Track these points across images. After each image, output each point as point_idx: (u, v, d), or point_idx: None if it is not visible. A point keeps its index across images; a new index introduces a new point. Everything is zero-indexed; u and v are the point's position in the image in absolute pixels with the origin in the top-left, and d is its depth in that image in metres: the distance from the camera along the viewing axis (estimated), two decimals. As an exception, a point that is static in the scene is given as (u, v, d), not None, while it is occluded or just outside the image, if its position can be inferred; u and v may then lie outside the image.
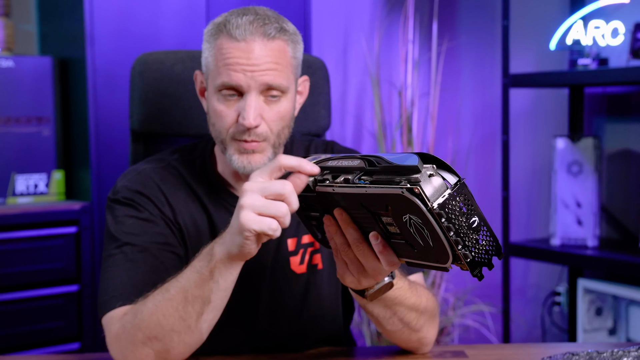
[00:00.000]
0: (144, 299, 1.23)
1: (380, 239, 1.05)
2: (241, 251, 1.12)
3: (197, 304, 1.17)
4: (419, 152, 0.96)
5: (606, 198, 2.78)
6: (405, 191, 0.93)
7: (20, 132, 2.41)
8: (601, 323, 2.68)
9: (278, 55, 1.32)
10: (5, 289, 2.25)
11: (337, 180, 1.06)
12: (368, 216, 1.04)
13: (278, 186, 1.08)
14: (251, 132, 1.32)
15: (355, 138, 3.28)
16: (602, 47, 2.62)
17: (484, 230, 0.94)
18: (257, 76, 1.30)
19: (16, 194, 2.41)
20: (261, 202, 1.08)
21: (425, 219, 0.93)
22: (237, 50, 1.30)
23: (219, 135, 1.36)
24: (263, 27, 1.31)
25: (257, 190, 1.08)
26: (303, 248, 1.45)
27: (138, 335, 1.20)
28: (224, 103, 1.33)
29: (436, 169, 0.95)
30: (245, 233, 1.09)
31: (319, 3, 3.10)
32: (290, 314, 1.45)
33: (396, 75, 3.29)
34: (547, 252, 2.63)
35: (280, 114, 1.34)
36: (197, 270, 1.17)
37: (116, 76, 2.37)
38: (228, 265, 1.16)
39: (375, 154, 1.02)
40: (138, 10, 2.42)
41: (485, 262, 0.95)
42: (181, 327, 1.18)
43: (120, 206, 1.38)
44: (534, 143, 3.04)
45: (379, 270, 1.12)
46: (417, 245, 0.99)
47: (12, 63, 2.38)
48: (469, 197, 0.93)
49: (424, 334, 1.35)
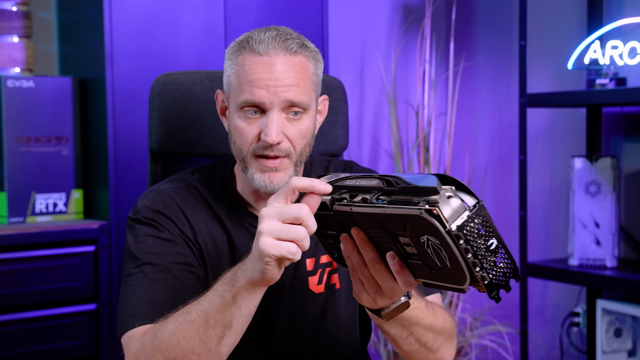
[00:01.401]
0: (165, 320, 1.23)
1: (397, 259, 1.05)
2: (263, 277, 1.12)
3: (219, 328, 1.17)
4: (438, 174, 0.96)
5: (625, 218, 2.76)
6: (423, 212, 0.93)
7: (40, 151, 2.43)
8: (620, 344, 2.65)
9: (300, 71, 1.33)
10: (24, 307, 2.27)
11: (355, 199, 1.06)
12: (385, 236, 1.04)
13: (294, 210, 1.08)
14: (274, 147, 1.32)
15: (372, 158, 3.28)
16: (620, 66, 2.61)
17: (501, 252, 0.94)
18: (280, 92, 1.31)
19: (36, 213, 2.43)
20: (279, 227, 1.08)
21: (443, 240, 0.93)
22: (259, 65, 1.31)
23: (240, 153, 1.36)
24: (285, 42, 1.32)
25: (274, 215, 1.09)
26: (321, 268, 1.45)
27: (157, 356, 1.20)
28: (245, 120, 1.34)
29: (455, 191, 0.95)
30: (265, 259, 1.09)
31: (336, 23, 3.11)
32: (308, 334, 1.45)
33: (413, 94, 3.30)
34: (565, 273, 2.61)
35: (303, 132, 1.35)
36: (220, 294, 1.17)
37: (135, 96, 2.39)
38: (251, 291, 1.15)
39: (394, 174, 1.02)
40: (157, 31, 2.44)
41: (502, 284, 0.95)
42: (201, 350, 1.18)
43: (140, 225, 1.38)
44: (552, 163, 3.03)
45: (396, 290, 1.12)
46: (434, 266, 0.99)
47: (32, 83, 2.41)
48: (487, 219, 0.93)
49: (442, 354, 1.34)
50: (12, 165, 2.39)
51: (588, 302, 2.80)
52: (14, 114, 2.39)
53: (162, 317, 1.25)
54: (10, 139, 2.39)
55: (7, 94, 2.37)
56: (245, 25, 2.55)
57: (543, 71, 2.99)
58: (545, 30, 3.00)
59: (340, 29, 3.14)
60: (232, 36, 2.57)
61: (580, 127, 2.89)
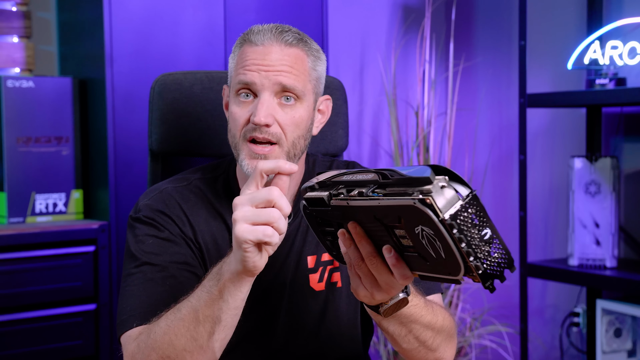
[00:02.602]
0: (158, 319, 1.23)
1: (393, 251, 1.05)
2: (245, 266, 1.12)
3: (208, 324, 1.18)
4: (432, 164, 0.97)
5: (624, 218, 2.76)
6: (417, 202, 0.93)
7: (40, 151, 2.43)
8: (620, 344, 2.65)
9: (294, 61, 1.34)
10: (24, 307, 2.27)
11: (351, 193, 1.07)
12: (382, 229, 1.05)
13: (264, 193, 1.10)
14: (262, 129, 1.32)
15: (372, 158, 3.28)
16: (620, 66, 2.61)
17: (496, 242, 0.94)
18: (271, 75, 1.32)
19: (35, 213, 2.43)
20: (252, 212, 1.09)
21: (437, 230, 0.93)
22: (254, 53, 1.34)
23: (233, 140, 1.37)
24: (282, 35, 1.34)
25: (246, 202, 1.10)
26: (322, 266, 1.45)
27: (152, 356, 1.21)
28: (239, 105, 1.35)
29: (448, 181, 0.95)
30: (243, 245, 1.10)
31: (336, 23, 3.11)
32: (308, 332, 1.45)
33: (413, 95, 3.30)
34: (565, 273, 2.61)
35: (295, 120, 1.35)
36: (207, 289, 1.18)
37: (135, 96, 2.39)
38: (237, 284, 1.16)
39: (390, 168, 1.03)
40: (157, 31, 2.45)
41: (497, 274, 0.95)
42: (193, 346, 1.19)
43: (141, 225, 1.38)
44: (551, 163, 3.03)
45: (393, 284, 1.12)
46: (429, 257, 0.99)
47: (32, 84, 2.41)
48: (481, 209, 0.94)
49: (441, 353, 1.34)
50: (12, 165, 2.39)
51: (588, 302, 2.80)
52: (14, 114, 2.39)
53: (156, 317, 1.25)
54: (10, 139, 2.39)
55: (7, 94, 2.37)
56: (245, 26, 2.55)
57: (543, 71, 2.99)
58: (545, 30, 3.00)
59: (340, 29, 3.14)
60: (232, 36, 2.58)
61: (580, 127, 2.89)
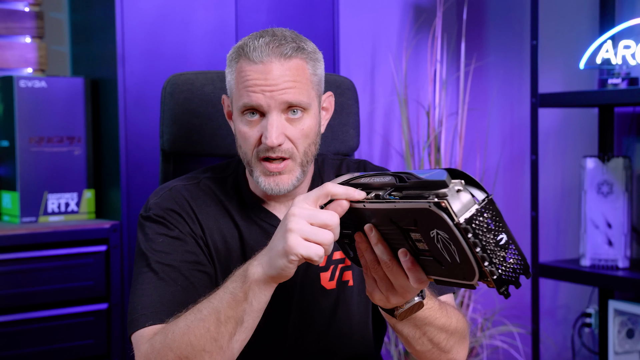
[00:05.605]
0: (176, 319, 1.23)
1: (409, 255, 1.05)
2: (280, 273, 1.13)
3: (230, 325, 1.18)
4: (448, 168, 0.97)
5: (637, 218, 2.75)
6: (432, 205, 0.93)
7: (52, 151, 2.44)
8: (633, 345, 2.64)
9: (296, 73, 1.33)
10: (36, 306, 2.28)
11: (368, 196, 1.07)
12: (398, 233, 1.05)
13: (327, 217, 1.10)
14: (275, 149, 1.33)
15: (383, 157, 3.28)
16: (632, 66, 2.60)
17: (511, 248, 0.94)
18: (277, 95, 1.31)
19: (48, 213, 2.44)
20: (309, 228, 1.10)
21: (452, 234, 0.93)
22: (255, 72, 1.32)
23: (245, 157, 1.38)
24: (279, 48, 1.33)
25: (305, 216, 1.10)
26: (334, 264, 1.45)
27: (169, 355, 1.21)
28: (247, 124, 1.35)
29: (464, 185, 0.95)
30: (291, 256, 1.10)
31: (347, 23, 3.11)
32: (319, 330, 1.45)
33: (424, 94, 3.30)
34: (577, 273, 2.61)
35: (304, 132, 1.35)
36: (231, 291, 1.18)
37: (147, 96, 2.40)
38: (262, 287, 1.16)
39: (407, 171, 1.02)
40: (168, 32, 2.45)
41: (512, 280, 0.94)
42: (213, 347, 1.19)
43: (151, 223, 1.39)
44: (563, 163, 3.02)
45: (408, 288, 1.12)
46: (444, 261, 0.99)
47: (45, 84, 2.42)
48: (497, 213, 0.93)
49: (454, 355, 1.34)
50: (24, 165, 2.40)
51: (600, 303, 2.79)
52: (27, 114, 2.40)
53: (172, 317, 1.25)
54: (23, 139, 2.40)
55: (19, 94, 2.38)
56: (256, 26, 2.55)
57: (555, 71, 2.98)
58: (556, 30, 2.99)
59: (351, 29, 3.14)
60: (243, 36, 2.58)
61: (592, 127, 2.88)
